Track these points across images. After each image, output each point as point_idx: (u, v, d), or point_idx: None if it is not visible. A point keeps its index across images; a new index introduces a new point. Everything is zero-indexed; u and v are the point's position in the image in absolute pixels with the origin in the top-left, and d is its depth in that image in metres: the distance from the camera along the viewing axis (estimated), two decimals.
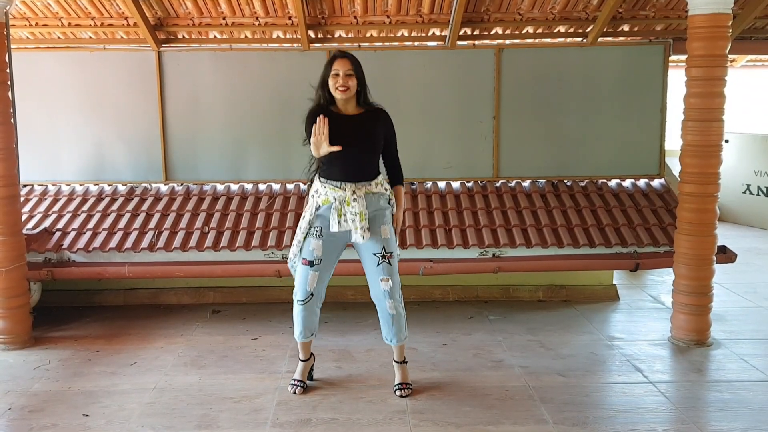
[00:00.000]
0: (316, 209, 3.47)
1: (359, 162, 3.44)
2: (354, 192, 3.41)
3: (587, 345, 4.26)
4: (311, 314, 3.55)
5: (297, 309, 3.55)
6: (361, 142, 3.42)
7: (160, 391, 3.67)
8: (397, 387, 3.62)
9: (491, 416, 3.34)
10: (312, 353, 3.75)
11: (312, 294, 3.50)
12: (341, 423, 3.28)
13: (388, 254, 3.47)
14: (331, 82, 3.41)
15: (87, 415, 3.38)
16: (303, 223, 3.51)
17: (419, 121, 5.20)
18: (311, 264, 3.47)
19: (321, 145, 3.24)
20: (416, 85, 5.21)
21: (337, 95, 3.42)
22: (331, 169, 3.45)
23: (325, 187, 3.45)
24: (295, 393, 3.61)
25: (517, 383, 3.71)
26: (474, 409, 3.41)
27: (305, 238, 3.48)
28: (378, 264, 3.46)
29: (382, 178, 3.55)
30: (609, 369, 3.94)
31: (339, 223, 3.41)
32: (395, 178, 3.63)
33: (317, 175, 3.52)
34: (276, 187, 5.24)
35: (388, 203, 3.53)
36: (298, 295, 3.52)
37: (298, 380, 3.66)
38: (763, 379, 3.74)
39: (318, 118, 3.25)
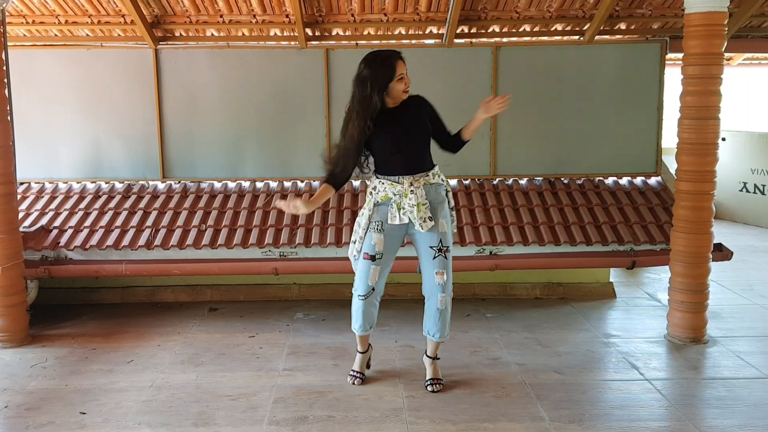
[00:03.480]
0: (375, 205, 3.50)
1: (415, 152, 3.48)
2: (411, 184, 3.44)
3: (584, 342, 4.27)
4: (371, 308, 3.58)
5: (357, 303, 3.56)
6: (414, 131, 3.47)
7: (157, 388, 3.67)
8: (429, 382, 3.65)
9: (488, 413, 3.34)
10: (370, 344, 3.78)
11: (373, 288, 3.53)
12: (338, 420, 3.29)
13: (445, 248, 3.50)
14: (398, 86, 3.39)
15: (84, 413, 3.39)
16: (362, 220, 3.54)
17: None
18: (373, 258, 3.49)
19: (299, 207, 3.36)
20: (414, 82, 5.12)
21: (404, 97, 3.45)
22: (388, 164, 3.48)
23: (383, 183, 3.48)
24: (354, 384, 3.66)
25: (513, 380, 3.72)
26: (471, 406, 3.42)
27: (366, 233, 3.51)
28: (434, 257, 3.49)
29: (438, 168, 3.58)
30: (605, 366, 3.95)
31: (398, 216, 3.45)
32: (457, 134, 3.59)
33: (373, 173, 3.54)
34: (273, 184, 5.24)
35: (446, 195, 3.56)
36: (359, 289, 3.54)
37: (357, 371, 3.72)
38: (759, 376, 3.75)
39: (286, 203, 3.38)
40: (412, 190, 3.44)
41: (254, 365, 3.98)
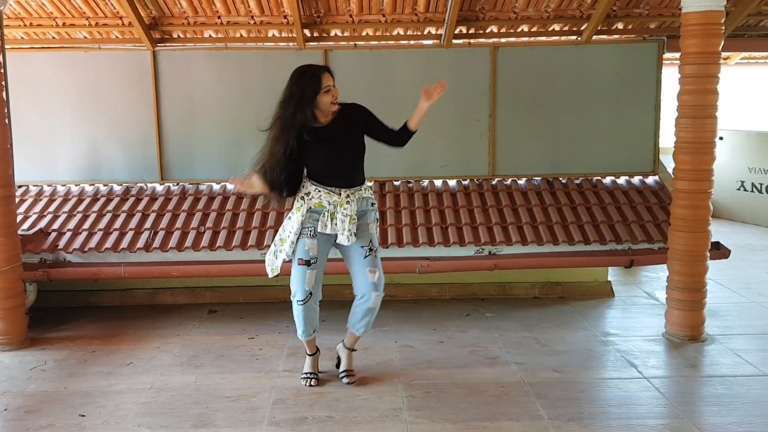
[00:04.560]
0: (308, 211, 3.50)
1: (351, 168, 3.52)
2: (348, 196, 3.49)
3: (582, 341, 4.28)
4: (312, 312, 3.60)
5: (297, 309, 3.58)
6: (348, 150, 3.51)
7: (156, 390, 3.67)
8: (344, 374, 3.73)
9: (487, 412, 3.35)
10: (317, 347, 3.81)
11: (311, 293, 3.55)
12: (337, 421, 3.29)
13: (374, 248, 3.57)
14: (325, 99, 3.38)
15: (83, 416, 3.39)
16: (290, 224, 3.55)
17: None
18: (308, 263, 3.51)
19: (253, 185, 3.44)
20: (412, 83, 5.18)
21: (333, 108, 3.45)
22: (325, 174, 3.50)
23: (319, 191, 3.50)
24: (310, 386, 3.68)
25: (512, 379, 3.73)
26: (470, 405, 3.43)
27: (298, 239, 3.51)
28: (365, 256, 3.54)
29: (368, 183, 3.64)
30: (604, 365, 3.96)
31: (329, 226, 3.48)
32: (401, 127, 3.54)
33: (307, 178, 3.55)
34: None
35: (372, 205, 3.62)
36: (297, 295, 3.55)
37: (310, 373, 3.74)
38: (757, 373, 3.76)
39: (240, 180, 3.48)
40: (348, 202, 3.47)
41: (254, 367, 3.98)
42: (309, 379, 3.72)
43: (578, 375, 3.79)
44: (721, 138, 8.04)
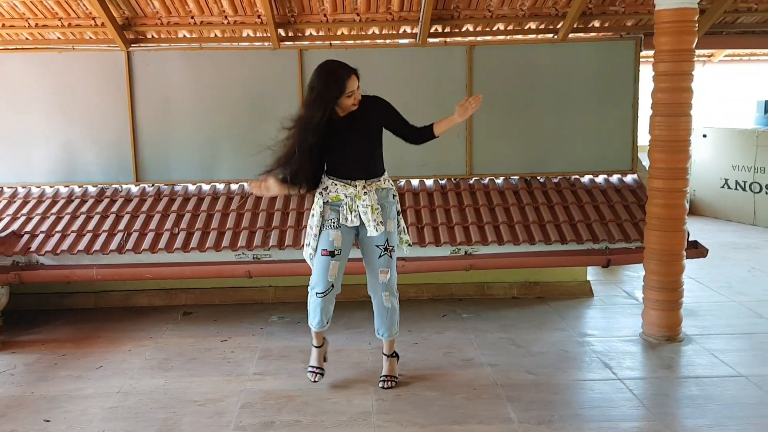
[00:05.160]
0: (326, 203, 3.51)
1: (367, 159, 3.52)
2: (364, 188, 3.47)
3: (558, 342, 4.24)
4: (329, 304, 3.59)
5: (316, 301, 3.55)
6: (364, 141, 3.51)
7: (124, 394, 3.62)
8: (382, 378, 3.66)
9: (457, 416, 3.31)
10: (325, 338, 3.76)
11: (333, 285, 3.54)
12: (304, 425, 3.25)
13: (390, 247, 3.54)
14: (347, 102, 3.40)
15: (48, 421, 3.34)
16: (313, 220, 3.54)
17: None
18: (332, 254, 3.50)
19: (271, 187, 3.46)
20: (389, 83, 5.13)
21: (353, 108, 3.46)
22: (340, 169, 3.50)
23: (335, 185, 3.50)
24: (315, 381, 3.65)
25: (485, 382, 3.69)
26: (440, 408, 3.39)
27: (321, 230, 3.51)
28: (380, 256, 3.53)
29: (388, 174, 3.62)
30: (578, 366, 3.92)
31: (349, 218, 3.47)
32: (425, 127, 3.59)
33: (324, 173, 3.55)
34: (248, 186, 5.18)
35: (393, 198, 3.59)
36: (318, 286, 3.53)
37: (316, 367, 3.70)
38: (732, 374, 3.73)
39: (257, 184, 3.51)
40: (365, 192, 3.46)
41: (224, 370, 3.93)
42: (315, 374, 3.67)
43: (552, 377, 3.75)
44: (704, 135, 8.05)
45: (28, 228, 4.79)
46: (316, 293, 3.53)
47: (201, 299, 5.12)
